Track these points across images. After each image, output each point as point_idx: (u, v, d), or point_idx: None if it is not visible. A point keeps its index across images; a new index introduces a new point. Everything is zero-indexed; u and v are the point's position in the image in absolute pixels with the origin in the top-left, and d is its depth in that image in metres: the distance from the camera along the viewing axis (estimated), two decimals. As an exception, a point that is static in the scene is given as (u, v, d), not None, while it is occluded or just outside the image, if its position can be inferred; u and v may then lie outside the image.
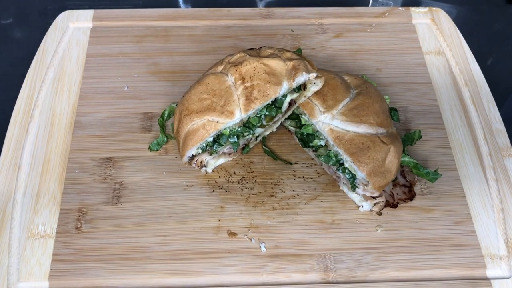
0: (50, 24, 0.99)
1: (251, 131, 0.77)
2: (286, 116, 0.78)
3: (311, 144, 0.79)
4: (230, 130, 0.75)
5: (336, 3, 1.04)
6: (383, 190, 0.75)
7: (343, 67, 0.93)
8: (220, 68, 0.76)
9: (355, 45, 0.97)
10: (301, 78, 0.73)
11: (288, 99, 0.75)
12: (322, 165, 0.81)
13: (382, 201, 0.75)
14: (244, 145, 0.80)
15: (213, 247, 0.73)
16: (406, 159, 0.77)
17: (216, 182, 0.79)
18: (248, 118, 0.75)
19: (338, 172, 0.77)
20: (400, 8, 1.03)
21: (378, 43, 0.97)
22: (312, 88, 0.76)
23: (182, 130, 0.75)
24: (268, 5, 1.15)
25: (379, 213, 0.76)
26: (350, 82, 0.80)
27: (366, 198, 0.76)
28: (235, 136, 0.76)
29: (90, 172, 0.80)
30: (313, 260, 0.72)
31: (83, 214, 0.76)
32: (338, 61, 0.94)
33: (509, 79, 1.03)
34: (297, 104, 0.77)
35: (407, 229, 0.75)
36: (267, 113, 0.76)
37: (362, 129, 0.73)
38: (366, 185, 0.73)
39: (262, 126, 0.77)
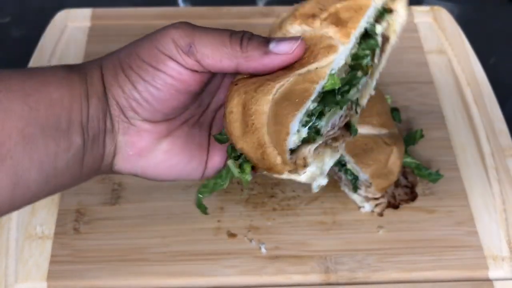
0: (48, 23, 0.98)
1: (362, 74, 0.54)
2: (383, 63, 0.59)
3: (312, 144, 0.78)
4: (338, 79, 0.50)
5: (336, 2, 1.03)
6: (385, 191, 0.74)
7: (344, 66, 0.93)
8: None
9: (356, 44, 0.96)
10: None
11: (379, 30, 0.57)
12: (323, 165, 0.80)
13: (384, 202, 0.75)
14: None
15: (212, 248, 0.72)
16: (408, 160, 0.77)
17: (215, 182, 0.79)
18: (356, 53, 0.54)
19: (339, 173, 0.76)
20: (401, 7, 1.03)
21: (379, 42, 0.97)
22: (399, 20, 0.58)
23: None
24: (268, 3, 1.15)
25: (381, 214, 0.76)
26: (351, 81, 0.79)
27: (367, 199, 0.75)
28: (347, 85, 0.52)
29: (88, 173, 0.79)
30: (314, 262, 0.72)
31: (81, 215, 0.75)
32: (339, 60, 0.94)
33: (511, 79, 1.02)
34: (390, 45, 0.58)
35: (408, 230, 0.75)
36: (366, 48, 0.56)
37: (365, 130, 0.73)
38: (368, 186, 0.73)
39: (366, 69, 0.56)
